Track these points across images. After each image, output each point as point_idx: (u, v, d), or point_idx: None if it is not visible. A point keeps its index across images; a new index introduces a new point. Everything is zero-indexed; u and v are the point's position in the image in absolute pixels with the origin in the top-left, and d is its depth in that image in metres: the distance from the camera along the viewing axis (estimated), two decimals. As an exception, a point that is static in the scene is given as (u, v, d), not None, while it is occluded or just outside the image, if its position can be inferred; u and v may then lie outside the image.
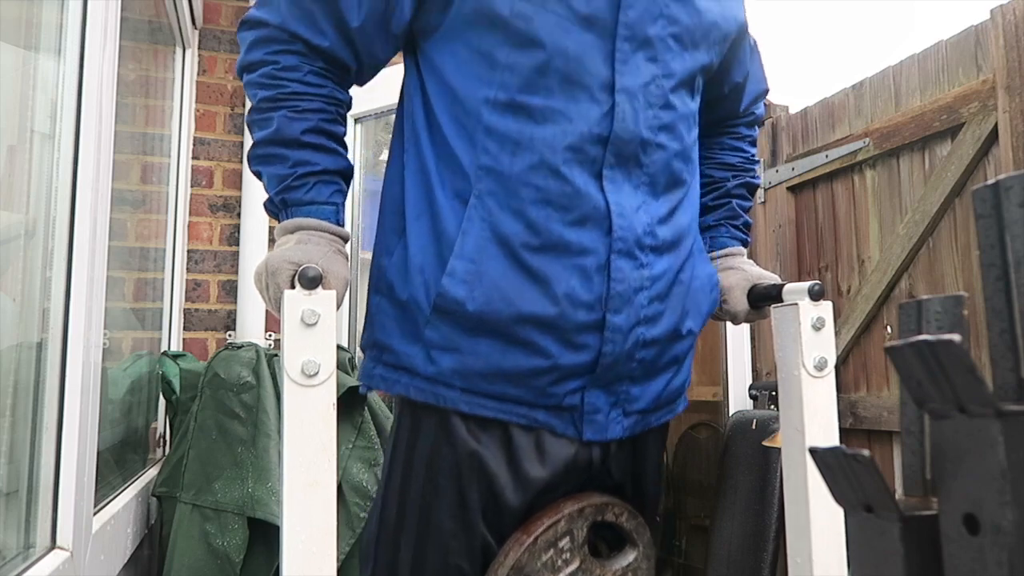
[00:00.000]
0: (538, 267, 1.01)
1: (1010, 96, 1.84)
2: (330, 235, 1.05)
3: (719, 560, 2.43)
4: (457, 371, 1.01)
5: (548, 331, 1.01)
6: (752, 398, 2.68)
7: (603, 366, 1.04)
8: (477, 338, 1.01)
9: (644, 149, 1.06)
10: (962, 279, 2.00)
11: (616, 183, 1.04)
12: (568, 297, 1.01)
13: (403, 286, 1.05)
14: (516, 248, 1.01)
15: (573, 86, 1.02)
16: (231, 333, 2.55)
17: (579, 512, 1.05)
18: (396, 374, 1.05)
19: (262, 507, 1.80)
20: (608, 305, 1.03)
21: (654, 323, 1.07)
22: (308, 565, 0.89)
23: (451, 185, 1.04)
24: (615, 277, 1.03)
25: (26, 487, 1.18)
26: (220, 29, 2.67)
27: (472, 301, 1.00)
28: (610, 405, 1.07)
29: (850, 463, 0.37)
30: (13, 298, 1.26)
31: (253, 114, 1.08)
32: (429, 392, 1.02)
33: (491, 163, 1.02)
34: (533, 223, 1.01)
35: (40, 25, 1.30)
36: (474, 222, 1.01)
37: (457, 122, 1.04)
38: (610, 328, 1.03)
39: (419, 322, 1.03)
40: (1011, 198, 0.37)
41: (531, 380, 1.02)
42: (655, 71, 1.07)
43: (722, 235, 1.32)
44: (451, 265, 1.00)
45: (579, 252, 1.02)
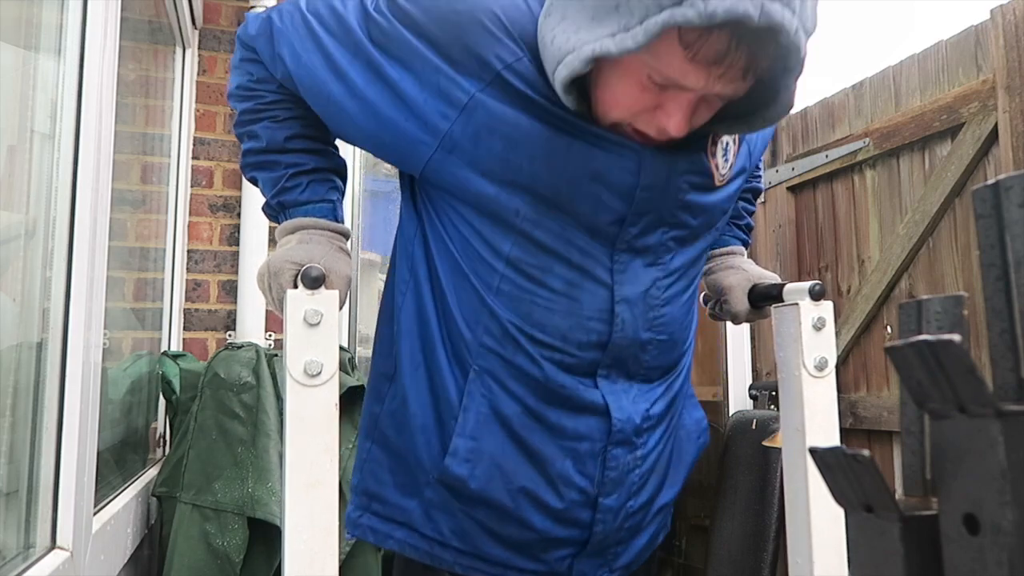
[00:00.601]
0: (535, 446, 1.01)
1: (1010, 96, 1.84)
2: (330, 232, 1.05)
3: (719, 560, 2.43)
4: (455, 532, 1.02)
5: (541, 509, 1.02)
6: (752, 398, 2.68)
7: (593, 542, 1.06)
8: (475, 507, 1.02)
9: (642, 348, 1.04)
10: (962, 279, 2.01)
11: (612, 381, 1.04)
12: (562, 479, 1.02)
13: (402, 440, 1.04)
14: (514, 427, 1.01)
15: (574, 289, 1.00)
16: (231, 333, 2.55)
17: None
18: (389, 527, 1.05)
19: (262, 507, 1.81)
20: (601, 489, 1.04)
21: (640, 492, 1.09)
22: (310, 565, 0.89)
23: (453, 348, 1.02)
24: (610, 465, 1.04)
25: (26, 487, 1.18)
26: (220, 29, 2.67)
27: (474, 479, 1.00)
28: (597, 567, 1.08)
29: (850, 463, 0.37)
30: (13, 298, 1.26)
31: (239, 127, 1.09)
32: (425, 552, 1.03)
33: (493, 345, 1.00)
34: (531, 408, 1.01)
35: (40, 25, 1.30)
36: (475, 398, 1.01)
37: (463, 292, 1.02)
38: (601, 510, 1.05)
39: (419, 480, 1.03)
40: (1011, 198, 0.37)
41: (525, 548, 1.04)
42: (655, 275, 1.04)
43: (725, 233, 1.32)
44: (454, 444, 1.00)
45: (573, 437, 1.02)
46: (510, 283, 0.99)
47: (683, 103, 0.88)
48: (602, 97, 0.92)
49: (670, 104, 0.88)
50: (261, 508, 1.80)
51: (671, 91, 0.88)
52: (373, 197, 2.96)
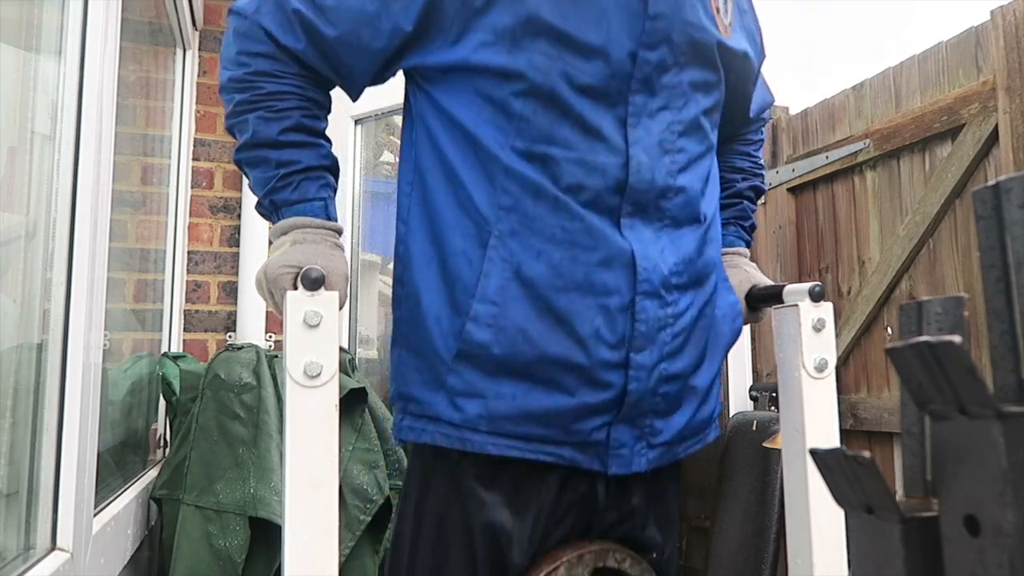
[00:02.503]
0: (562, 307, 1.00)
1: (1010, 97, 1.84)
2: (324, 230, 1.05)
3: (719, 561, 2.43)
4: (482, 416, 1.01)
5: (572, 371, 1.01)
6: (752, 399, 2.68)
7: (628, 404, 1.03)
8: (500, 380, 1.00)
9: (663, 195, 1.05)
10: (962, 280, 2.01)
11: (635, 229, 1.03)
12: (592, 337, 1.01)
13: (419, 336, 1.05)
14: (540, 289, 1.00)
15: (590, 136, 1.01)
16: (231, 334, 2.55)
17: (578, 559, 1.04)
18: (421, 423, 1.05)
19: (264, 506, 1.81)
20: (632, 344, 1.02)
21: (677, 357, 1.07)
22: (310, 566, 0.89)
23: (462, 228, 1.03)
24: (639, 317, 1.02)
25: (26, 488, 1.18)
26: (220, 30, 2.67)
27: (497, 344, 0.99)
28: (635, 439, 1.05)
29: (851, 465, 0.37)
30: (14, 299, 1.26)
31: (231, 118, 1.08)
32: (455, 438, 1.02)
33: (512, 203, 1.01)
34: (557, 264, 1.00)
35: (41, 26, 1.30)
36: (495, 263, 1.00)
37: (474, 163, 1.03)
38: (634, 366, 1.02)
39: (440, 371, 1.02)
40: (1011, 199, 0.37)
41: (556, 419, 1.01)
42: (669, 118, 1.06)
43: (730, 233, 1.34)
44: (474, 309, 1.00)
45: (603, 292, 1.01)
46: (525, 137, 1.01)
47: None
48: None
49: None
50: (264, 507, 1.80)
51: None
52: (373, 198, 2.96)
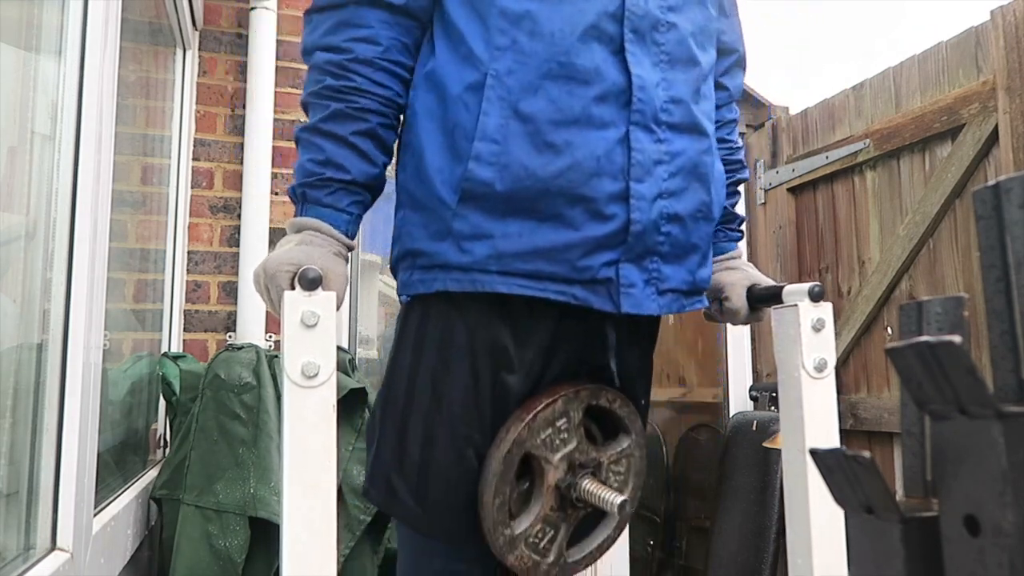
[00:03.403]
0: (562, 141, 1.03)
1: (1010, 97, 1.84)
2: (336, 241, 1.05)
3: (719, 561, 2.43)
4: (491, 256, 1.03)
5: (576, 203, 1.03)
6: (752, 399, 2.68)
7: (633, 234, 1.06)
8: (506, 220, 1.03)
9: (657, 27, 1.08)
10: (962, 280, 2.01)
11: (637, 57, 1.07)
12: (593, 168, 1.03)
13: (423, 190, 1.06)
14: (539, 124, 1.02)
15: None
16: (231, 334, 2.55)
17: (575, 394, 1.10)
18: (431, 273, 1.06)
19: (264, 506, 1.81)
20: (631, 174, 1.05)
21: (677, 198, 1.10)
22: (308, 566, 0.89)
23: (461, 77, 1.05)
24: (635, 147, 1.05)
25: (26, 488, 1.18)
26: (220, 30, 2.67)
27: (500, 181, 1.02)
28: (644, 281, 1.08)
29: (851, 465, 0.37)
30: (14, 299, 1.26)
31: (312, 97, 1.08)
32: (466, 280, 1.04)
33: (508, 42, 1.04)
34: (555, 99, 1.03)
35: (40, 26, 1.30)
36: (493, 103, 1.03)
37: (470, 10, 1.06)
38: (635, 196, 1.05)
39: (446, 218, 1.04)
40: (1011, 199, 0.37)
41: (564, 254, 1.04)
42: None
43: (720, 240, 1.33)
44: (475, 149, 1.02)
45: (600, 125, 1.04)
46: None
47: None
48: None
49: None
50: (264, 507, 1.80)
51: None
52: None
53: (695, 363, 3.12)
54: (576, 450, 1.10)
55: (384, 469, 1.08)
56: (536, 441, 1.06)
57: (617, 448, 1.15)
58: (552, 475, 1.08)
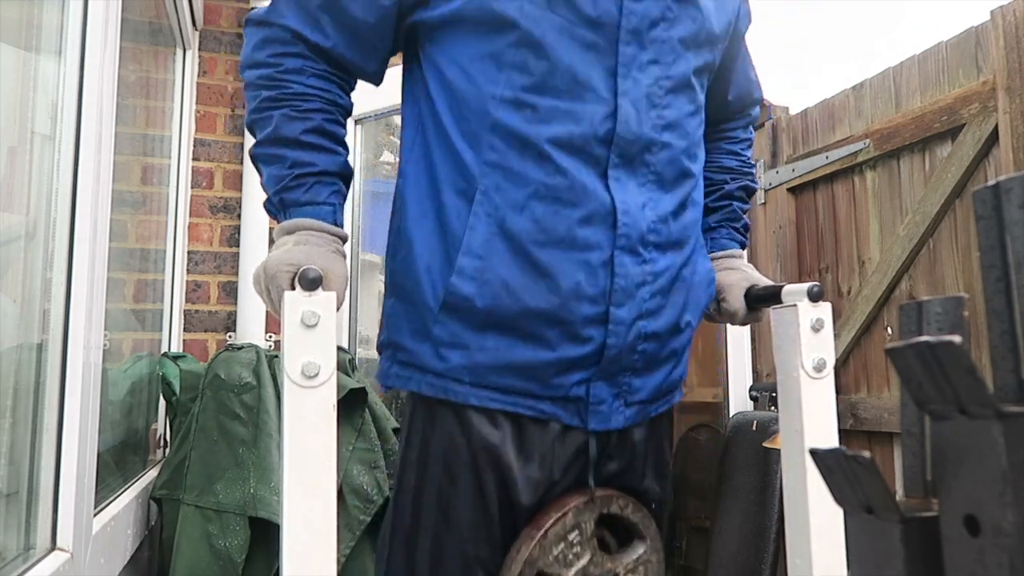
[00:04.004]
0: (545, 262, 1.02)
1: (1010, 97, 1.84)
2: (328, 235, 1.05)
3: (719, 561, 2.43)
4: (466, 367, 1.03)
5: (554, 325, 1.03)
6: (752, 399, 2.68)
7: (607, 358, 1.05)
8: (484, 334, 1.03)
9: (649, 148, 1.07)
10: (962, 280, 2.00)
11: (621, 181, 1.06)
12: (573, 292, 1.03)
13: (410, 286, 1.06)
14: (523, 243, 1.02)
15: (578, 87, 1.04)
16: (231, 334, 2.55)
17: (584, 504, 1.07)
18: (408, 371, 1.07)
19: (264, 506, 1.81)
20: (612, 299, 1.04)
21: (655, 317, 1.09)
22: (308, 566, 0.89)
23: (454, 183, 1.05)
24: (618, 272, 1.05)
25: (26, 488, 1.18)
26: (220, 30, 2.67)
27: (481, 297, 1.01)
28: (613, 396, 1.08)
29: (851, 465, 0.37)
30: (14, 299, 1.26)
31: (254, 114, 1.08)
32: (440, 387, 1.04)
33: (497, 159, 1.03)
34: (540, 219, 1.02)
35: (41, 26, 1.30)
36: (480, 218, 1.02)
37: (461, 119, 1.05)
38: (613, 321, 1.05)
39: (427, 320, 1.04)
40: (1011, 199, 0.37)
41: (537, 372, 1.04)
42: (657, 73, 1.08)
43: (722, 236, 1.33)
44: (459, 263, 1.02)
45: (584, 247, 1.04)
46: (513, 88, 1.03)
47: None
48: None
49: None
50: (264, 507, 1.80)
51: None
52: (374, 199, 2.96)
53: (695, 363, 3.12)
54: (591, 563, 1.06)
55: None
56: (548, 559, 1.03)
57: (633, 555, 1.11)
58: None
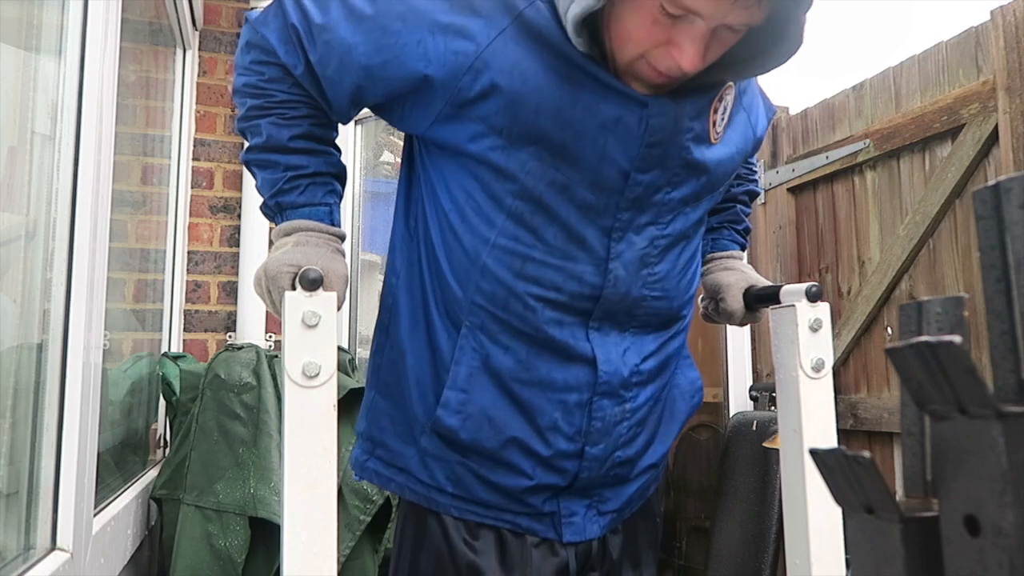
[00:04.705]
0: (526, 398, 1.05)
1: (1010, 97, 1.84)
2: (327, 235, 1.06)
3: (719, 561, 2.43)
4: (449, 479, 1.06)
5: (531, 456, 1.06)
6: (752, 399, 2.68)
7: (578, 487, 1.09)
8: (468, 456, 1.06)
9: (637, 305, 1.07)
10: (962, 280, 2.01)
11: (603, 332, 1.07)
12: (550, 429, 1.06)
13: (399, 391, 1.08)
14: (506, 380, 1.04)
15: (572, 245, 1.02)
16: (231, 334, 2.55)
17: None
18: (391, 471, 1.10)
19: (264, 506, 1.81)
20: (587, 439, 1.07)
21: (630, 445, 1.11)
22: (308, 566, 0.89)
23: (444, 307, 1.06)
24: (595, 415, 1.07)
25: (26, 488, 1.18)
26: (220, 30, 2.67)
27: (464, 431, 1.04)
28: (585, 507, 1.10)
29: (851, 465, 0.37)
30: (14, 299, 1.26)
31: (243, 122, 1.08)
32: (423, 496, 1.07)
33: (484, 303, 1.03)
34: (524, 360, 1.04)
35: (41, 26, 1.30)
36: (466, 352, 1.04)
37: (453, 255, 1.04)
38: (587, 458, 1.07)
39: (415, 430, 1.07)
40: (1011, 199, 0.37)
41: (513, 494, 1.07)
42: (654, 233, 1.06)
43: (724, 237, 1.33)
44: (445, 396, 1.04)
45: (563, 389, 1.06)
46: (507, 236, 1.02)
47: (696, 36, 0.90)
48: (616, 32, 0.94)
49: (683, 38, 0.91)
50: (264, 507, 1.81)
51: (683, 24, 0.90)
52: (373, 199, 2.96)
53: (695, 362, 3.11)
54: None
55: None
56: None
57: None
58: None
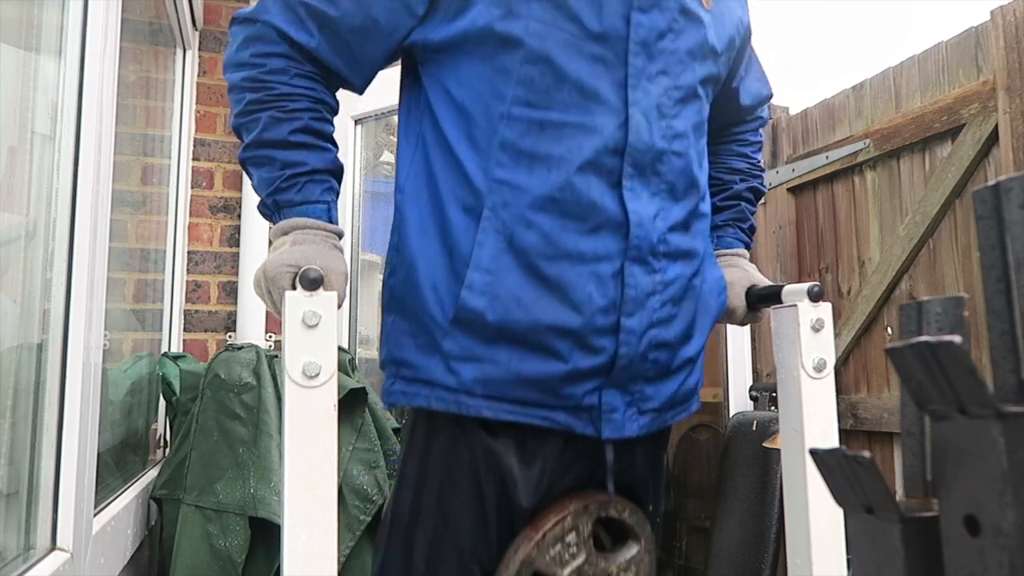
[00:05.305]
0: (555, 276, 1.02)
1: (1010, 97, 1.84)
2: (325, 232, 1.05)
3: (720, 561, 2.43)
4: (478, 380, 1.03)
5: (565, 336, 1.03)
6: (753, 399, 2.68)
7: (619, 367, 1.06)
8: (496, 347, 1.03)
9: (660, 158, 1.07)
10: (962, 280, 2.00)
11: (635, 192, 1.06)
12: (584, 303, 1.03)
13: (414, 302, 1.06)
14: (532, 258, 1.02)
15: (588, 100, 1.03)
16: (231, 334, 2.55)
17: (584, 509, 1.08)
18: (415, 387, 1.06)
19: (264, 506, 1.81)
20: (622, 309, 1.05)
21: (667, 326, 1.09)
22: (308, 566, 0.89)
23: (460, 200, 1.05)
24: (628, 283, 1.05)
25: (26, 488, 1.18)
26: (220, 30, 2.67)
27: (492, 312, 1.01)
28: (626, 404, 1.08)
29: (851, 465, 0.37)
30: (14, 299, 1.26)
31: (240, 117, 1.08)
32: (452, 401, 1.04)
33: (506, 176, 1.03)
34: (548, 234, 1.02)
35: (41, 26, 1.30)
36: (489, 234, 1.02)
37: (468, 137, 1.05)
38: (624, 331, 1.05)
39: (436, 335, 1.04)
40: (1011, 199, 0.37)
41: (549, 384, 1.04)
42: (667, 83, 1.08)
43: (728, 235, 1.34)
44: (469, 278, 1.02)
45: (594, 259, 1.04)
46: (521, 104, 1.03)
47: None
48: None
49: None
50: (264, 507, 1.80)
51: None
52: (373, 198, 2.96)
53: (695, 363, 3.11)
54: (586, 563, 1.08)
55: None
56: (545, 559, 1.05)
57: (627, 555, 1.13)
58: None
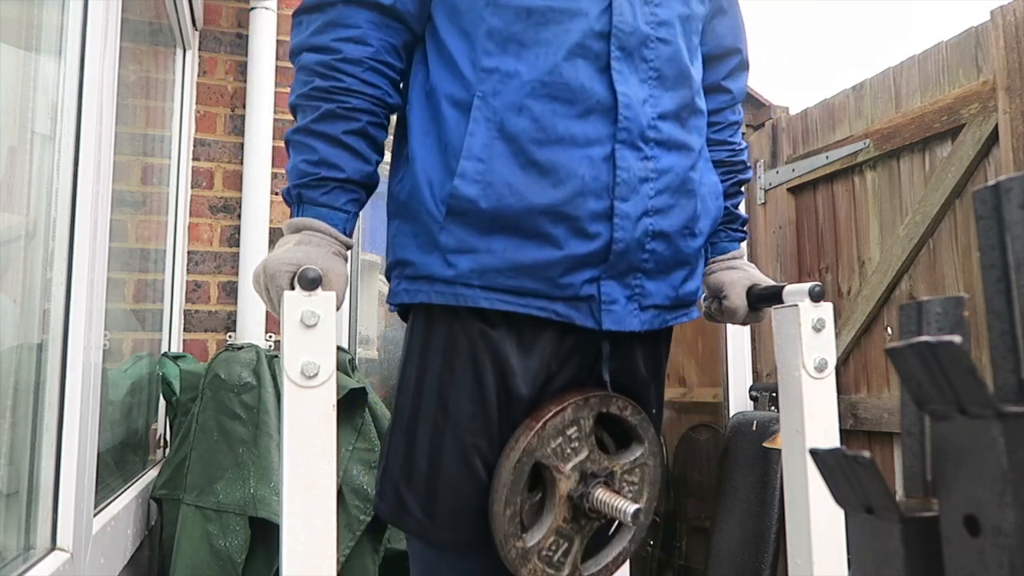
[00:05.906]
0: (546, 160, 1.03)
1: (1010, 97, 1.84)
2: (333, 240, 1.05)
3: (720, 561, 2.43)
4: (474, 270, 1.04)
5: (559, 221, 1.04)
6: (753, 399, 2.68)
7: (615, 253, 1.06)
8: (491, 236, 1.04)
9: (646, 43, 1.09)
10: (962, 280, 2.00)
11: (624, 75, 1.07)
12: (577, 186, 1.04)
13: (413, 201, 1.07)
14: (524, 144, 1.03)
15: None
16: (231, 334, 2.55)
17: (584, 401, 1.08)
18: (416, 284, 1.08)
19: (264, 506, 1.81)
20: (615, 193, 1.05)
21: (663, 215, 1.10)
22: (308, 566, 0.89)
23: (452, 95, 1.06)
24: (620, 166, 1.06)
25: (26, 488, 1.18)
26: (220, 30, 2.67)
27: (484, 199, 1.02)
28: (626, 298, 1.09)
29: (851, 465, 0.37)
30: (13, 299, 1.26)
31: (301, 99, 1.08)
32: (449, 294, 1.05)
33: (494, 64, 1.04)
34: (538, 118, 1.04)
35: (41, 26, 1.30)
36: (479, 123, 1.04)
37: (456, 27, 1.07)
38: (619, 215, 1.06)
39: (433, 230, 1.05)
40: (1011, 199, 0.37)
41: (546, 272, 1.04)
42: None
43: (722, 240, 1.33)
44: (461, 166, 1.03)
45: (585, 143, 1.05)
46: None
47: None
48: None
49: None
50: (264, 507, 1.80)
51: None
52: (374, 198, 2.96)
53: (695, 363, 3.12)
54: (588, 459, 1.08)
55: (393, 482, 1.08)
56: (546, 451, 1.04)
57: (630, 457, 1.13)
58: (564, 485, 1.06)
